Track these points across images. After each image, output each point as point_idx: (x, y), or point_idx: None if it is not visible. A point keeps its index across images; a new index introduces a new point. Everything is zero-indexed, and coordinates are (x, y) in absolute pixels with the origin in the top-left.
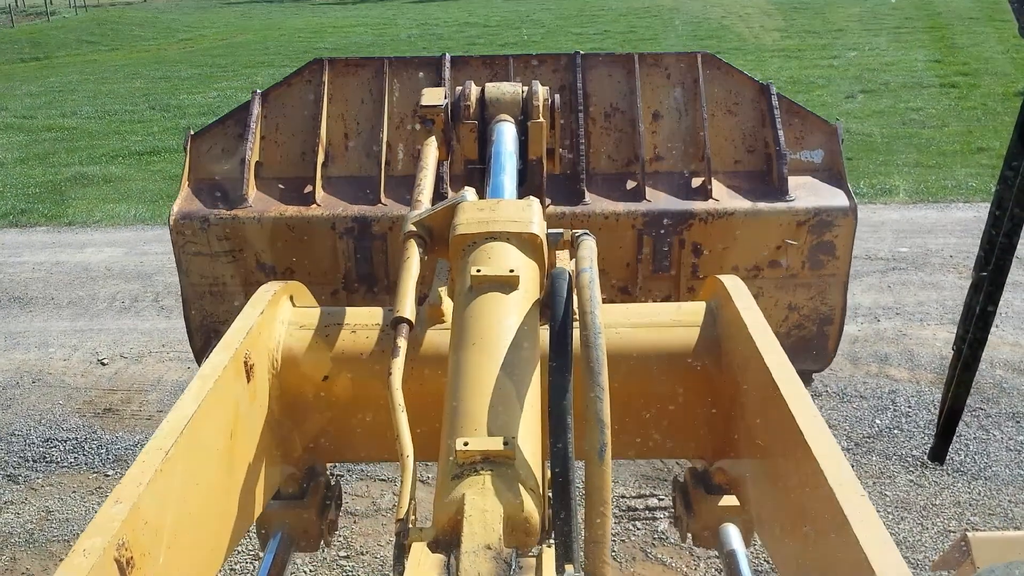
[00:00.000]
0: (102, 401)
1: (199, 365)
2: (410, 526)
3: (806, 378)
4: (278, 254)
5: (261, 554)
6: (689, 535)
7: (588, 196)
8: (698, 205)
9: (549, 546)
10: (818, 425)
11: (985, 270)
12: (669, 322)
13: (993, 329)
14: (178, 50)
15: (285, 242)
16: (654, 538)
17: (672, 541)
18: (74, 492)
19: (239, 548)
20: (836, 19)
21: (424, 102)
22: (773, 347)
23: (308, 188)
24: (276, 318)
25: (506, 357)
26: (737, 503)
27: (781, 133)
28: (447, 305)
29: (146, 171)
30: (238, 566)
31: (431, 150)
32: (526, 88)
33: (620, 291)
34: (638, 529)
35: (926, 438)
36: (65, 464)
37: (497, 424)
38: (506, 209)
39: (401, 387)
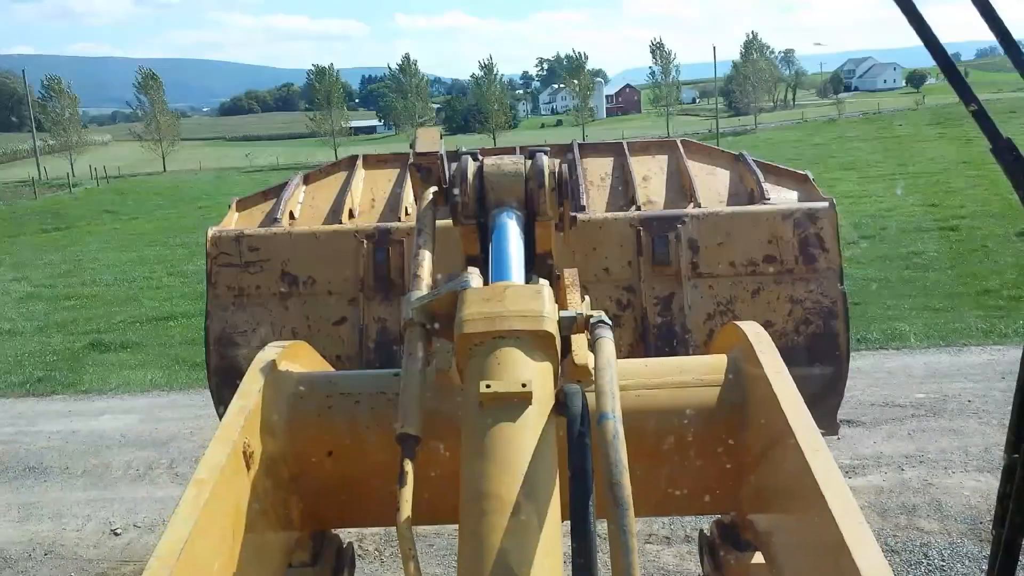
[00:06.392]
0: (114, 573)
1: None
2: None
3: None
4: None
5: None
6: None
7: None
8: (689, 210)
9: None
10: (838, 483)
11: (1018, 451)
12: (691, 381)
13: None
14: (196, 217)
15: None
16: None
17: None
18: None
19: None
20: (830, 167)
21: (419, 148)
22: (798, 408)
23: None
24: (277, 392)
25: (522, 502)
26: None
27: (760, 174)
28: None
29: (162, 336)
30: None
31: (428, 207)
32: (530, 163)
33: (625, 289)
34: None
35: None
36: None
37: None
38: (514, 299)
39: (411, 527)
